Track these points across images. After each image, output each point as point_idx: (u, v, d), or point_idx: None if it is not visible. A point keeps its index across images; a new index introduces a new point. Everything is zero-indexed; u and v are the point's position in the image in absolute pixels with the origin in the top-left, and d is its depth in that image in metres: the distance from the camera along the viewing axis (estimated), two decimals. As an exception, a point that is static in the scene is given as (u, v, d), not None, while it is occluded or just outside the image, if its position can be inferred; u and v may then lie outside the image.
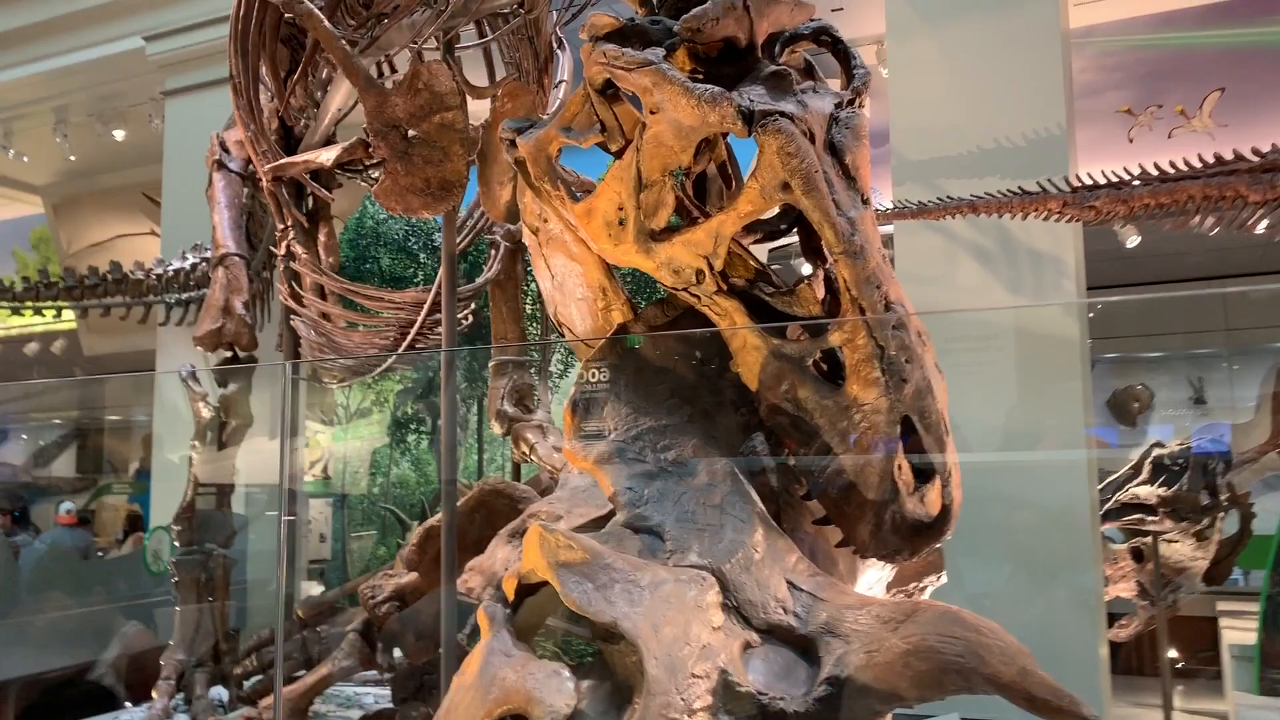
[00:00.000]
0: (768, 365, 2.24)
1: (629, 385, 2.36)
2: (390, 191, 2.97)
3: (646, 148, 2.21)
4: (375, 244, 7.25)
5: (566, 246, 2.49)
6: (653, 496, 2.18)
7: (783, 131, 2.12)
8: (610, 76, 2.23)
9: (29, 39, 9.92)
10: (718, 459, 2.24)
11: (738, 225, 2.23)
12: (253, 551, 6.77)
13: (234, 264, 4.65)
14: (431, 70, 2.90)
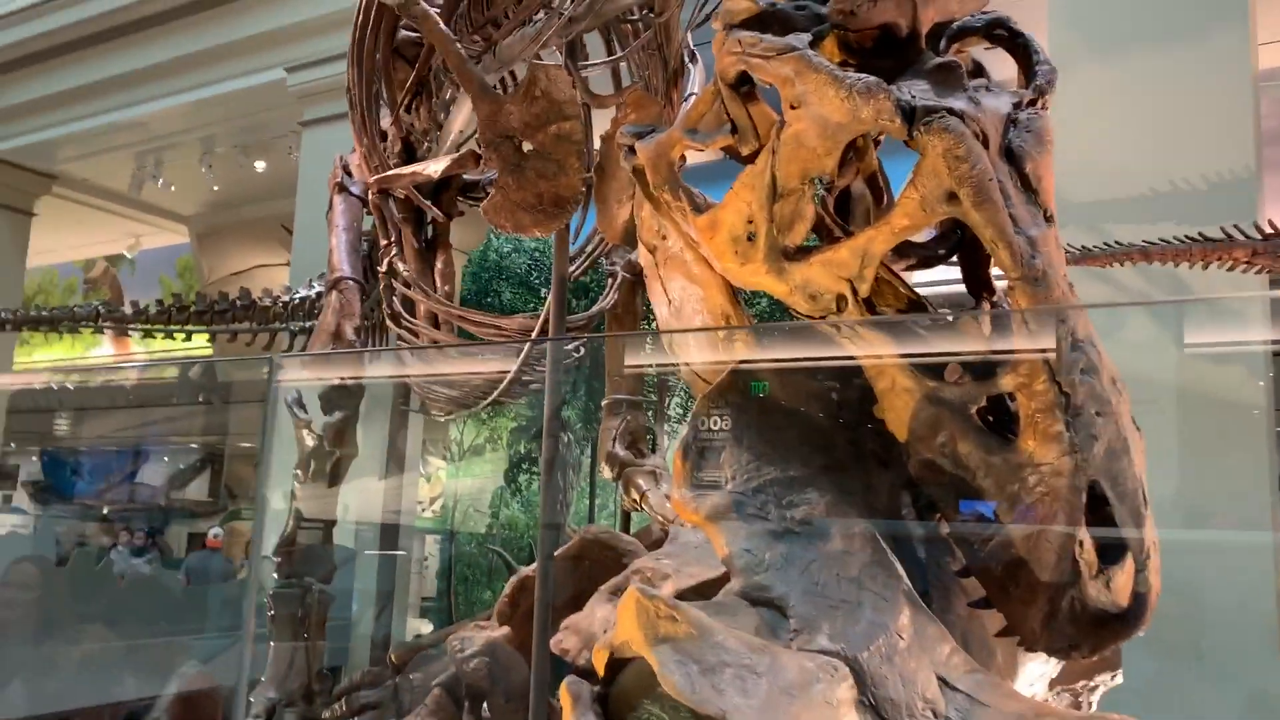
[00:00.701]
0: (921, 411, 1.87)
1: (752, 429, 2.01)
2: (500, 207, 2.72)
3: (784, 149, 1.88)
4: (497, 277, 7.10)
5: (686, 266, 2.17)
6: (775, 562, 1.82)
7: (950, 131, 1.76)
8: (745, 68, 1.92)
9: (177, 71, 10.24)
10: (856, 521, 1.87)
11: (890, 243, 1.88)
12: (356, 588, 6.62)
13: (348, 288, 4.49)
14: (550, 75, 2.66)
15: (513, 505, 7.49)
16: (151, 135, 11.36)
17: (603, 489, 6.73)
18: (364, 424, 4.96)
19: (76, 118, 11.18)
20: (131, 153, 11.92)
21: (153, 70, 10.41)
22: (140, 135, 11.39)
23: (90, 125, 11.15)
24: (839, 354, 1.97)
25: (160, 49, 10.32)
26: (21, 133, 11.55)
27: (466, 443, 7.97)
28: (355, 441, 4.94)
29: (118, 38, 10.62)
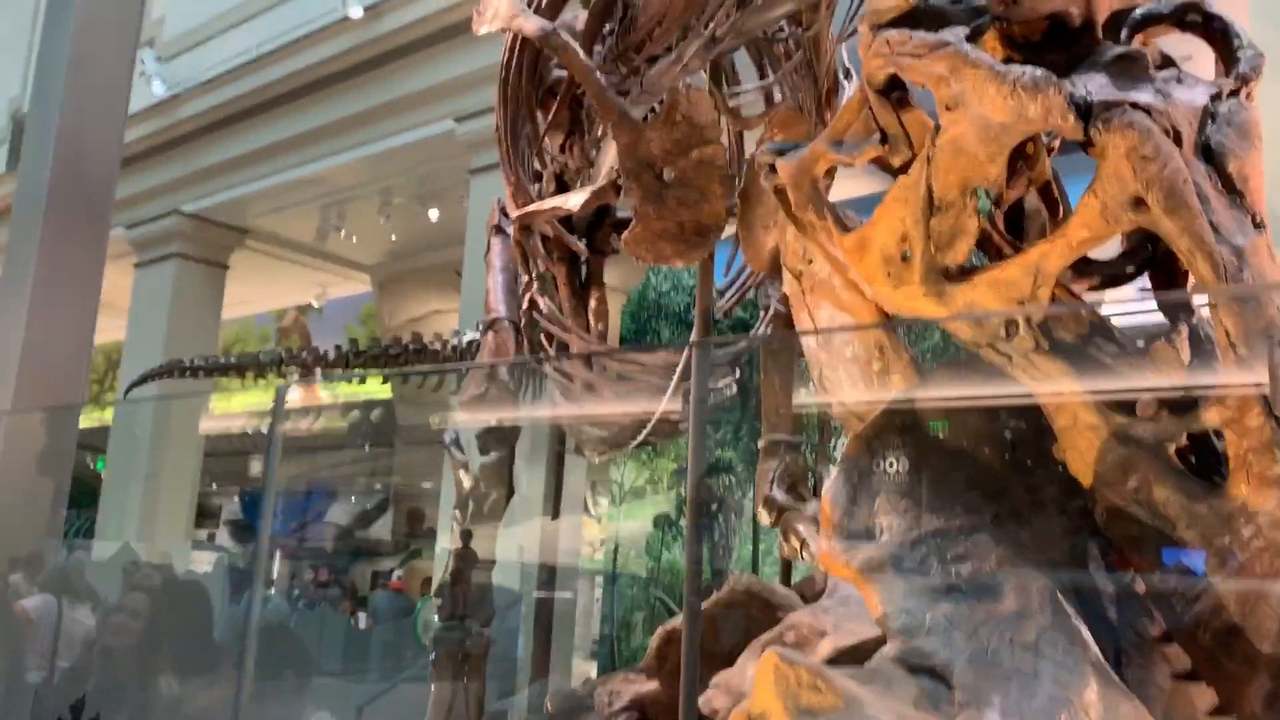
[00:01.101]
0: (1109, 452, 1.62)
1: (911, 472, 1.80)
2: (640, 239, 2.60)
3: (941, 157, 1.67)
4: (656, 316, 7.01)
5: (834, 292, 1.98)
6: (938, 624, 1.60)
7: (1135, 127, 1.53)
8: (895, 70, 1.73)
9: (354, 127, 10.70)
10: (1033, 577, 1.63)
11: (1067, 259, 1.65)
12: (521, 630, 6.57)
13: (503, 329, 4.46)
14: (692, 99, 2.53)
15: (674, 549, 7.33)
16: (333, 189, 11.90)
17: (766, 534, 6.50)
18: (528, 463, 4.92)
19: (264, 175, 11.84)
20: (316, 206, 12.51)
21: (332, 127, 10.92)
22: (323, 189, 11.95)
23: (277, 182, 11.79)
24: (1010, 387, 1.74)
25: (338, 107, 10.82)
26: (215, 191, 12.32)
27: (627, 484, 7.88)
28: (511, 482, 4.89)
29: (299, 99, 11.21)
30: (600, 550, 8.54)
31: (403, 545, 16.46)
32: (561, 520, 7.17)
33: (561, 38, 2.83)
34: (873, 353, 1.95)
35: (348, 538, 16.99)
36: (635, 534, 7.82)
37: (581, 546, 8.23)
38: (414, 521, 17.10)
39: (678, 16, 2.82)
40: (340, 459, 17.03)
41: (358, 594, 13.96)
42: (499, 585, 5.49)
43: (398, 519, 17.42)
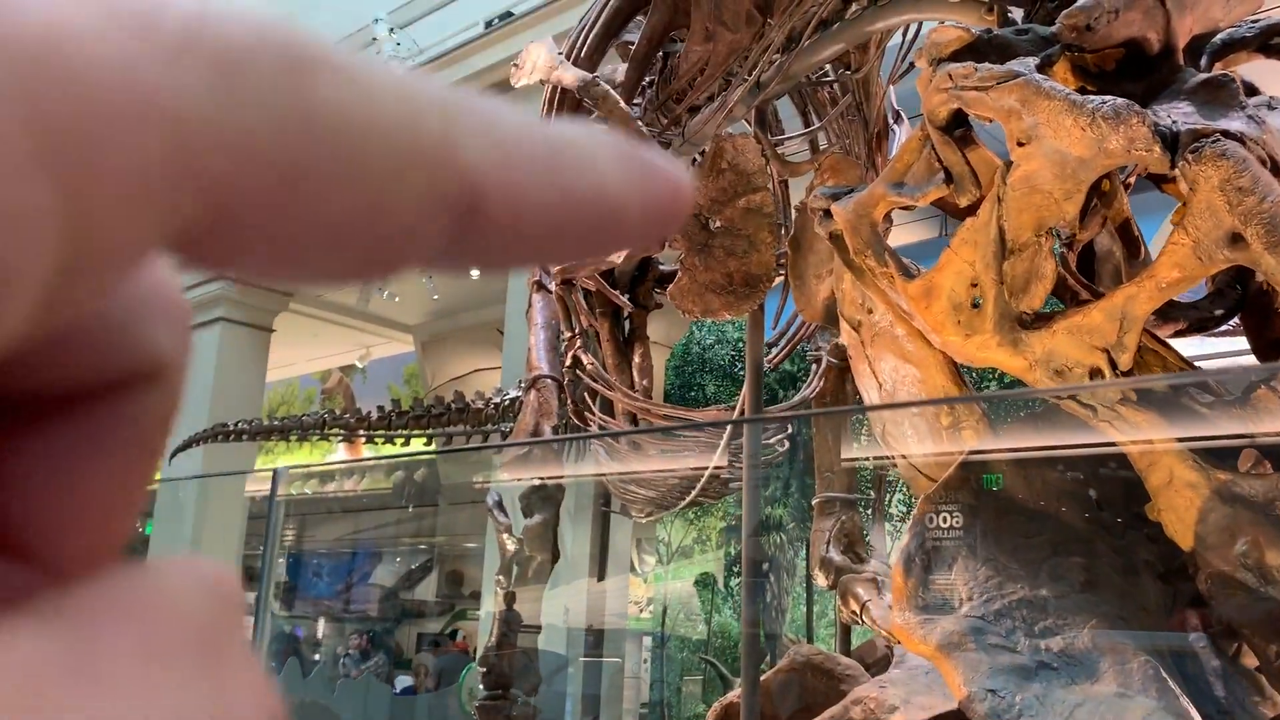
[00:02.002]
0: (1210, 511, 1.47)
1: (989, 536, 1.66)
2: (687, 291, 2.50)
3: (1013, 196, 1.55)
4: (701, 370, 6.88)
5: (898, 343, 1.85)
6: (1029, 706, 1.45)
7: (1229, 157, 1.40)
8: (959, 105, 1.62)
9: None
10: (1132, 653, 1.48)
11: (1155, 302, 1.51)
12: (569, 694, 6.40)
13: (545, 386, 4.37)
14: (737, 146, 2.43)
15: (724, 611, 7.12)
16: (376, 249, 11.95)
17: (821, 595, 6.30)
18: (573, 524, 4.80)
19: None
20: None
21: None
22: (366, 251, 12.02)
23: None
24: (1097, 440, 1.60)
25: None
26: (261, 255, 12.41)
27: (675, 543, 7.70)
28: (556, 545, 4.77)
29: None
30: (647, 610, 8.35)
31: (447, 607, 16.33)
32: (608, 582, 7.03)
33: (602, 87, 2.76)
34: (942, 406, 1.82)
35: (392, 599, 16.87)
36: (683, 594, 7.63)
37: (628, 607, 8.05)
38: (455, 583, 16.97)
39: (720, 64, 2.75)
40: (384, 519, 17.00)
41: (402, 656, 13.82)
42: (545, 650, 5.34)
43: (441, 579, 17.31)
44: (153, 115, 0.16)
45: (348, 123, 0.18)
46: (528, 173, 0.20)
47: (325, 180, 0.18)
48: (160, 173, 0.16)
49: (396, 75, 0.19)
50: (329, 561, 16.74)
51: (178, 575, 0.19)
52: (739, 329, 7.15)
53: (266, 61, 0.18)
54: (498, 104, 0.20)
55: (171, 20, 0.17)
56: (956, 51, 1.67)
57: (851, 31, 2.47)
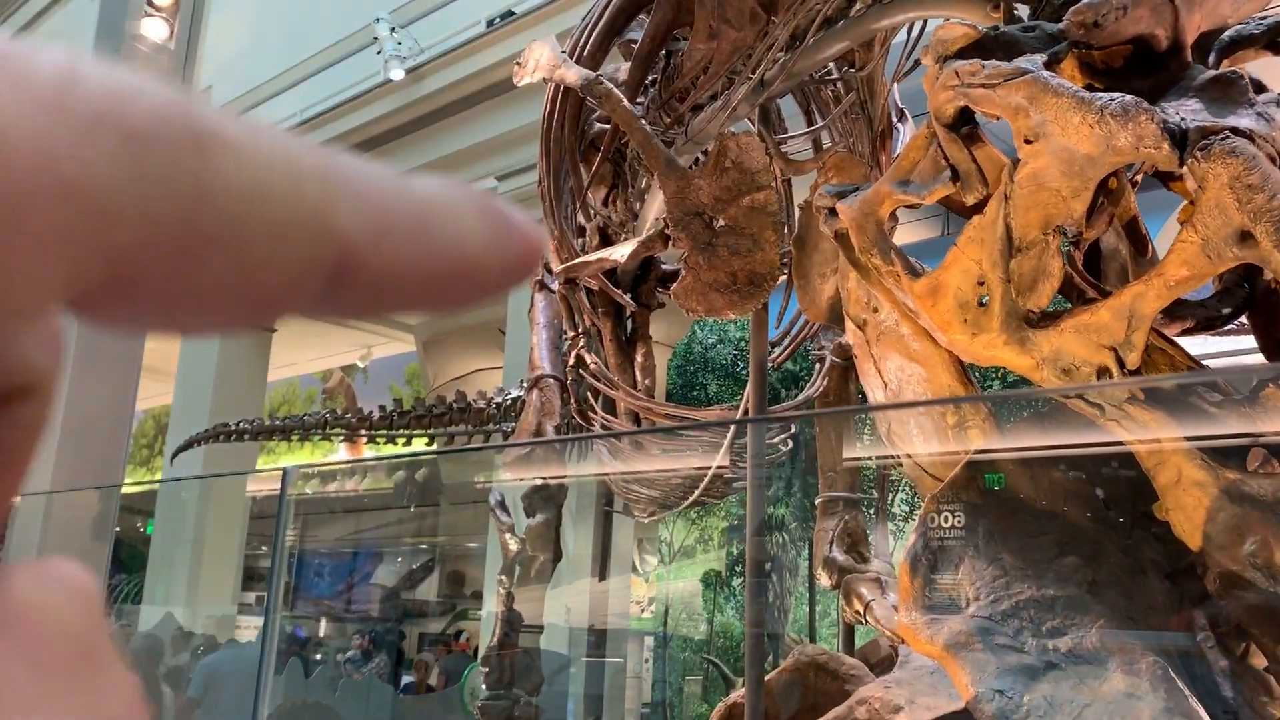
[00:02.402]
0: (1219, 511, 1.47)
1: (995, 536, 1.65)
2: (690, 290, 2.49)
3: (1020, 194, 1.55)
4: (702, 370, 6.87)
5: (903, 342, 1.85)
6: (1037, 707, 1.44)
7: (1238, 155, 1.39)
8: (966, 102, 1.61)
9: (397, 186, 10.77)
10: (1140, 653, 1.47)
11: (1164, 300, 1.50)
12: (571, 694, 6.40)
13: (548, 386, 4.36)
14: (741, 144, 2.42)
15: (727, 610, 7.11)
16: (379, 249, 11.97)
17: (824, 595, 6.28)
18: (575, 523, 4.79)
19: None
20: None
21: (376, 189, 11.01)
22: (368, 251, 12.04)
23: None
24: (1104, 439, 1.59)
25: (380, 167, 10.93)
26: (263, 254, 12.42)
27: (677, 543, 7.68)
28: (558, 545, 4.76)
29: (342, 160, 11.33)
30: (649, 609, 8.34)
31: (449, 607, 16.33)
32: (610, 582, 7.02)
33: (605, 85, 2.76)
34: (948, 406, 1.81)
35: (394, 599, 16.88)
36: (685, 594, 7.61)
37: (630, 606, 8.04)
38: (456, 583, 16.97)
39: (724, 62, 2.74)
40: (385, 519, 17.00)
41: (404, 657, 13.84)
42: (547, 650, 5.34)
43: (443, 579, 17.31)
44: (63, 191, 0.18)
45: (236, 195, 0.20)
46: (398, 236, 0.22)
47: (213, 246, 0.20)
48: (67, 242, 0.18)
49: (285, 146, 0.21)
50: (331, 562, 16.73)
51: (39, 579, 0.20)
52: (741, 328, 7.14)
53: (168, 138, 0.19)
54: (375, 169, 0.22)
55: (83, 98, 0.18)
56: (963, 49, 1.66)
57: (856, 29, 2.47)
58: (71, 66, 0.19)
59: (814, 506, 3.60)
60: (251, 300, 0.21)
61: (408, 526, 16.99)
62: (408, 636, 15.71)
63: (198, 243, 0.19)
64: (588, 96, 2.86)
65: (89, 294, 0.19)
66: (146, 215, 0.19)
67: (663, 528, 7.79)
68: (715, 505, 6.97)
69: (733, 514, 7.11)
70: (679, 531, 7.68)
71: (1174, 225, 1.52)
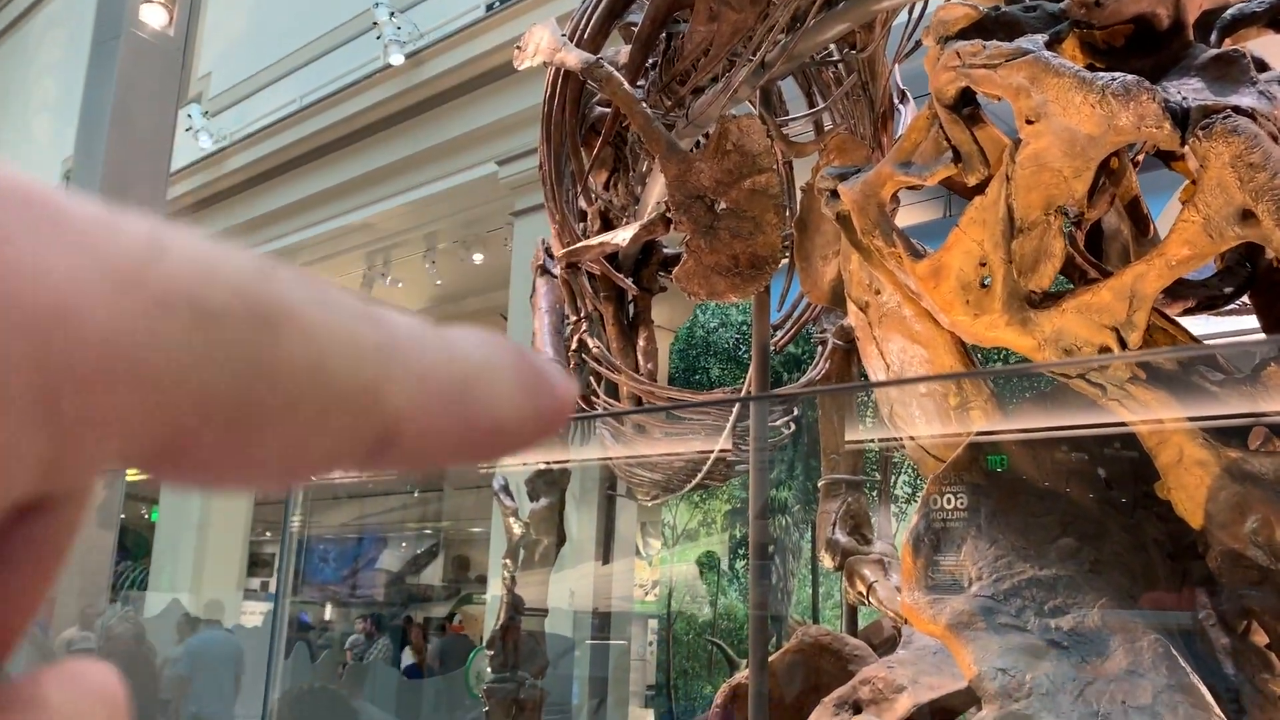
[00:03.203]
0: (1221, 490, 1.47)
1: (998, 516, 1.66)
2: (692, 273, 2.49)
3: (1022, 174, 1.55)
4: (705, 353, 6.87)
5: (905, 324, 1.85)
6: (1040, 685, 1.45)
7: (1240, 133, 1.39)
8: (967, 83, 1.61)
9: (398, 173, 10.79)
10: (1142, 631, 1.48)
11: (1165, 280, 1.50)
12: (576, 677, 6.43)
13: (550, 371, 4.37)
14: (742, 127, 2.42)
15: (730, 593, 7.13)
16: (379, 235, 11.97)
17: (826, 577, 6.30)
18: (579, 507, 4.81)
19: (310, 224, 11.96)
20: (361, 254, 12.59)
21: (376, 175, 11.02)
22: (369, 236, 12.03)
23: (323, 230, 11.89)
24: (1106, 420, 1.59)
25: (381, 154, 10.92)
26: (263, 241, 12.46)
27: (680, 526, 7.70)
28: (562, 529, 4.78)
29: (343, 148, 11.34)
30: (652, 593, 8.37)
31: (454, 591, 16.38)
32: (613, 565, 7.05)
33: (605, 69, 2.75)
34: (950, 387, 1.81)
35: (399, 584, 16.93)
36: (688, 577, 7.64)
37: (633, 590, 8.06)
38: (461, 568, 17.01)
39: (724, 45, 2.73)
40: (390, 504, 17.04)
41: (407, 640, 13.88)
42: (551, 633, 5.36)
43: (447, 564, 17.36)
44: (131, 370, 0.19)
45: (298, 373, 0.21)
46: (438, 408, 0.23)
47: (268, 422, 0.20)
48: (132, 417, 0.19)
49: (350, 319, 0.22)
50: (336, 547, 16.79)
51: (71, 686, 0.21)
52: (743, 312, 7.15)
53: (241, 317, 0.20)
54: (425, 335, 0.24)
55: (163, 275, 0.19)
56: (964, 29, 1.66)
57: (857, 10, 2.46)
58: (157, 241, 0.20)
59: (817, 489, 3.61)
60: (298, 466, 0.22)
61: (412, 512, 17.04)
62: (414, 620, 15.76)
63: (254, 418, 0.20)
64: (588, 80, 2.86)
65: (143, 457, 0.20)
66: (209, 392, 0.20)
67: (666, 511, 7.80)
68: (718, 488, 7.00)
69: (736, 498, 7.12)
70: (682, 515, 7.70)
71: (1176, 206, 1.52)
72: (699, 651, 7.23)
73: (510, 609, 4.87)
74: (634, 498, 4.27)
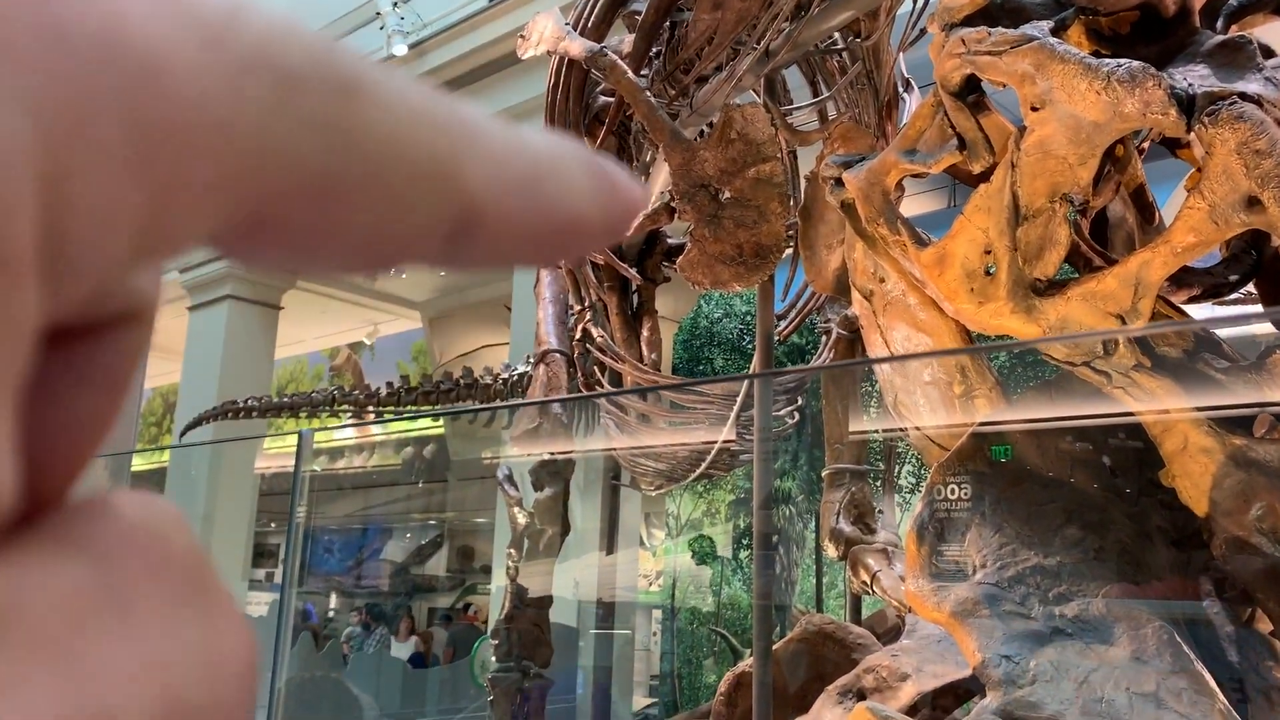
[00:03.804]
0: (1225, 477, 1.47)
1: (1002, 504, 1.66)
2: (696, 262, 2.49)
3: (1027, 162, 1.54)
4: (709, 344, 6.87)
5: (910, 312, 1.85)
6: (1043, 671, 1.45)
7: (1245, 120, 1.39)
8: (972, 70, 1.60)
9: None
10: (1146, 618, 1.48)
11: (1170, 267, 1.50)
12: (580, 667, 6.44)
13: (555, 361, 4.37)
14: (746, 115, 2.42)
15: (734, 583, 7.14)
16: (383, 225, 11.96)
17: (830, 567, 6.30)
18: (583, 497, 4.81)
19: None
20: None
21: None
22: (373, 227, 12.02)
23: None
24: (1111, 409, 1.59)
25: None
26: (269, 232, 12.41)
27: (684, 516, 7.71)
28: (566, 519, 4.79)
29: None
30: (656, 583, 8.39)
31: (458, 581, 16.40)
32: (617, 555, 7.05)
33: (609, 57, 2.75)
34: (954, 375, 1.81)
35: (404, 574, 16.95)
36: (692, 567, 7.65)
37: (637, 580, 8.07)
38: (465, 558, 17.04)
39: (729, 33, 2.73)
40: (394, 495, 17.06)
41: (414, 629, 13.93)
42: (556, 623, 5.38)
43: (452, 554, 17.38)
44: (218, 131, 0.18)
45: (379, 143, 0.21)
46: (515, 193, 0.23)
47: (353, 193, 0.20)
48: (221, 181, 0.19)
49: (420, 96, 0.22)
50: (340, 538, 16.81)
51: (151, 509, 0.21)
52: (746, 303, 7.14)
53: (317, 83, 0.20)
54: (496, 123, 0.23)
55: (243, 37, 0.19)
56: (969, 16, 1.65)
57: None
58: (236, 4, 0.19)
59: (820, 479, 3.61)
60: (382, 245, 0.22)
61: (416, 502, 17.06)
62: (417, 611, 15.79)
63: (340, 188, 0.20)
64: (592, 69, 2.85)
65: (231, 231, 0.20)
66: (294, 158, 0.19)
67: (670, 501, 7.80)
68: (722, 479, 7.00)
69: (739, 488, 7.12)
70: (686, 505, 7.70)
71: (1181, 195, 1.52)
72: (703, 641, 7.24)
73: (515, 598, 4.88)
74: (638, 488, 4.27)
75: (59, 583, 0.17)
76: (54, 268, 0.17)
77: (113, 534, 0.19)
